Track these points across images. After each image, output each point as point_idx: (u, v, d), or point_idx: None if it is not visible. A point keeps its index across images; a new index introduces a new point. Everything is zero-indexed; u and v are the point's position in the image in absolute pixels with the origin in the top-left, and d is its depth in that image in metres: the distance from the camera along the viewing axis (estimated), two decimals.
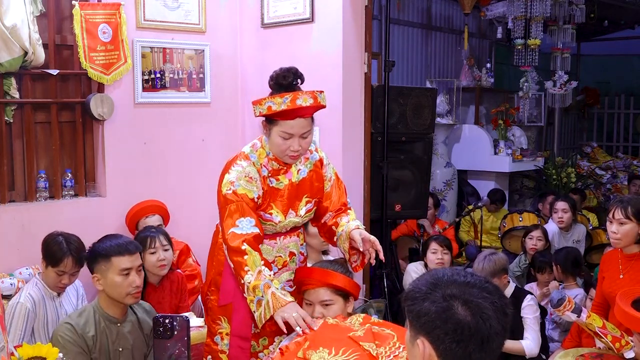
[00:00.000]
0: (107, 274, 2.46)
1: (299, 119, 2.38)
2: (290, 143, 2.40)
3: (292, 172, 2.54)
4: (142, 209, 3.82)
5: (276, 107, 2.34)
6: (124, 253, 2.47)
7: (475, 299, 1.35)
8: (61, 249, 2.99)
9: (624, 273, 2.97)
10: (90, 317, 2.48)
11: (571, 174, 7.17)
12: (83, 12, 3.57)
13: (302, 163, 2.58)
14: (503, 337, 1.37)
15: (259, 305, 2.25)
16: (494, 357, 1.38)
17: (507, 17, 6.49)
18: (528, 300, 3.47)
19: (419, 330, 1.38)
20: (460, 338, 1.33)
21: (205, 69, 4.21)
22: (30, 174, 3.60)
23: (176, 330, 2.33)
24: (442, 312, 1.34)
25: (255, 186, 2.44)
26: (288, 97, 2.33)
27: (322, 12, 3.88)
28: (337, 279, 2.41)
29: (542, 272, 4.15)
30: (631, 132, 10.26)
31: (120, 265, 2.45)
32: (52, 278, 3.02)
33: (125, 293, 2.46)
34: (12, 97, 3.46)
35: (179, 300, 3.50)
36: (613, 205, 2.98)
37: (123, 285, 2.45)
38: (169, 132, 4.09)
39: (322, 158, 2.66)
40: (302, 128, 2.39)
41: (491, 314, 1.34)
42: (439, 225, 5.56)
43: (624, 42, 9.53)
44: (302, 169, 2.58)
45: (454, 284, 1.38)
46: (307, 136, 2.43)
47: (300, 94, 2.35)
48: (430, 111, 4.46)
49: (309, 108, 2.37)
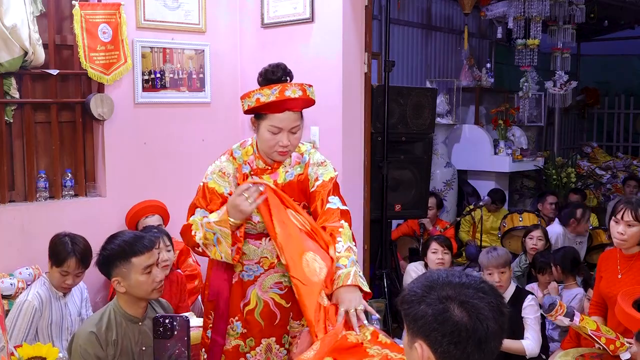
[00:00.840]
0: (130, 275, 2.39)
1: (287, 112, 2.35)
2: (279, 138, 2.37)
3: (278, 173, 2.49)
4: (142, 208, 3.82)
5: (265, 99, 2.33)
6: (143, 251, 2.42)
7: (471, 299, 1.35)
8: (65, 250, 3.00)
9: (623, 273, 2.96)
10: (111, 319, 2.42)
11: (571, 174, 7.17)
12: (83, 12, 3.57)
13: (292, 166, 2.51)
14: (501, 336, 1.37)
15: (219, 244, 2.34)
16: (492, 357, 1.38)
17: (507, 17, 6.50)
18: (529, 300, 3.47)
19: (417, 333, 1.38)
20: (457, 340, 1.33)
21: (205, 69, 4.21)
22: (30, 174, 3.60)
23: (176, 330, 2.33)
24: (438, 315, 1.34)
25: (227, 182, 2.46)
26: (277, 89, 2.32)
27: (322, 12, 3.88)
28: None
29: (543, 272, 4.15)
30: (631, 132, 10.26)
31: (141, 264, 2.40)
32: (56, 278, 3.03)
33: (150, 289, 2.43)
34: (12, 97, 3.46)
35: (179, 300, 3.50)
36: (621, 206, 2.92)
37: (148, 282, 2.41)
38: (169, 132, 4.09)
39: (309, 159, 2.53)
40: (291, 122, 2.37)
41: (487, 314, 1.34)
42: (440, 225, 5.57)
43: (624, 42, 9.51)
44: (291, 171, 2.51)
45: (449, 285, 1.38)
46: (296, 132, 2.40)
47: (289, 85, 2.34)
48: (430, 111, 4.46)
49: (297, 101, 2.36)
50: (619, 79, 10.21)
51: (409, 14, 7.11)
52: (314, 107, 2.52)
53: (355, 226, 4.02)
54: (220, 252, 2.36)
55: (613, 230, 2.96)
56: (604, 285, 3.04)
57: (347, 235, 2.36)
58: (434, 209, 5.46)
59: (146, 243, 2.46)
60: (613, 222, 2.96)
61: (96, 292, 3.69)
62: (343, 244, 2.32)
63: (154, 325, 2.34)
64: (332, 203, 2.44)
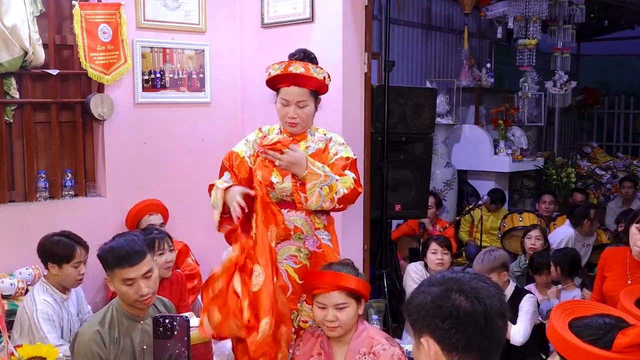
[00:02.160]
0: (114, 281, 2.39)
1: (294, 87, 2.69)
2: (287, 110, 2.72)
3: (300, 145, 2.74)
4: (144, 207, 3.83)
5: (273, 72, 2.72)
6: (124, 265, 2.34)
7: (468, 284, 1.39)
8: (67, 244, 3.01)
9: (633, 279, 2.87)
10: (113, 317, 2.42)
11: (571, 174, 7.17)
12: (83, 12, 3.57)
13: (314, 141, 2.81)
14: (504, 318, 1.38)
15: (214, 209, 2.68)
16: (499, 346, 1.37)
17: (507, 17, 6.50)
18: (527, 298, 3.47)
19: (420, 327, 1.39)
20: (457, 322, 1.34)
21: (205, 69, 4.21)
22: (30, 174, 3.60)
23: (176, 330, 2.33)
24: (437, 299, 1.37)
25: (248, 147, 2.83)
26: (283, 64, 2.70)
27: (322, 12, 3.88)
28: (349, 281, 2.42)
29: (540, 273, 4.14)
30: (631, 132, 10.26)
31: (122, 276, 2.35)
32: (68, 275, 3.01)
33: (133, 300, 2.38)
34: (12, 97, 3.46)
35: (179, 299, 3.50)
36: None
37: (129, 294, 2.37)
38: (169, 132, 4.09)
39: (332, 138, 2.84)
40: (297, 96, 2.70)
41: (485, 293, 1.37)
42: (440, 225, 5.57)
43: (624, 42, 9.52)
44: (312, 146, 2.79)
45: (450, 280, 1.42)
46: (304, 106, 2.72)
47: (294, 62, 2.70)
48: (430, 111, 4.46)
49: (302, 77, 2.68)
50: (619, 79, 10.21)
51: (409, 14, 7.12)
52: None
53: (355, 226, 4.03)
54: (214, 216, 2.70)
55: (634, 237, 2.79)
56: (610, 288, 2.98)
57: (344, 181, 2.63)
58: (433, 208, 5.46)
59: (133, 257, 2.35)
60: (636, 229, 2.77)
61: (96, 292, 3.69)
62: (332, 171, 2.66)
63: (154, 325, 2.34)
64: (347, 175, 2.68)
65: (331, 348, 2.53)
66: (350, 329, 2.48)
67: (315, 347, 2.55)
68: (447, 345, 1.35)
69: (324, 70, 2.76)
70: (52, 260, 3.01)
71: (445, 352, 1.35)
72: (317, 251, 2.72)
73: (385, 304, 3.95)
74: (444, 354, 1.35)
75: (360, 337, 2.49)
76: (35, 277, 3.34)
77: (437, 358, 1.36)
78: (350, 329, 2.48)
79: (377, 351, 2.45)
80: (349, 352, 2.48)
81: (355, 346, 2.48)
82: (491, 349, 1.36)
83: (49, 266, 3.03)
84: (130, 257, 2.36)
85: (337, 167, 2.69)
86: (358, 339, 2.49)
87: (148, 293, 2.38)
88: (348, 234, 3.91)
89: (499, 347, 1.38)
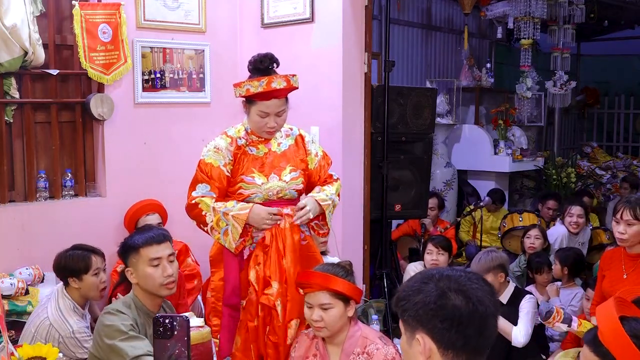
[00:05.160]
0: (138, 266, 2.44)
1: (274, 100, 2.72)
2: (267, 120, 2.75)
3: (271, 143, 2.86)
4: (142, 207, 3.82)
5: (254, 90, 2.69)
6: (152, 243, 2.46)
7: (466, 285, 1.40)
8: (81, 255, 2.97)
9: (628, 273, 2.96)
10: (132, 308, 2.45)
11: (571, 174, 7.17)
12: (83, 12, 3.57)
13: (283, 137, 2.90)
14: (496, 317, 1.42)
15: (226, 235, 2.70)
16: (490, 343, 1.41)
17: (507, 17, 6.50)
18: (527, 299, 3.47)
19: (416, 325, 1.40)
20: (458, 323, 1.35)
21: (205, 69, 4.21)
22: (30, 174, 3.60)
23: (176, 330, 2.32)
24: (437, 300, 1.38)
25: (222, 155, 2.79)
26: (264, 81, 2.67)
27: (322, 12, 3.88)
28: (337, 284, 2.43)
29: (540, 272, 4.13)
30: (631, 132, 10.25)
31: (149, 255, 2.44)
32: (91, 285, 2.95)
33: (158, 284, 2.44)
34: (12, 97, 3.46)
35: (178, 298, 3.49)
36: (620, 206, 2.95)
37: (154, 276, 2.43)
38: (169, 132, 4.09)
39: (304, 135, 2.95)
40: (277, 107, 2.74)
41: (482, 294, 1.39)
42: (441, 225, 5.56)
43: (624, 42, 9.51)
44: (283, 142, 2.88)
45: (445, 278, 1.42)
46: (282, 114, 2.78)
47: (275, 77, 2.68)
48: (430, 111, 4.46)
49: (283, 90, 2.71)
50: (619, 79, 10.20)
51: (409, 14, 7.11)
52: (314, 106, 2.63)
53: (356, 226, 4.03)
54: (225, 241, 2.72)
55: (615, 229, 2.99)
56: (608, 285, 3.03)
57: (335, 187, 2.93)
58: (435, 209, 5.46)
59: (158, 236, 2.51)
60: (614, 222, 2.98)
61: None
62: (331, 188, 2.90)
63: (154, 325, 2.33)
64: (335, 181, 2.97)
65: (326, 349, 2.54)
66: (337, 330, 2.49)
67: (311, 348, 2.57)
68: (444, 344, 1.36)
69: (296, 75, 2.79)
70: (71, 274, 2.94)
71: (441, 350, 1.37)
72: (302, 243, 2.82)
73: (385, 304, 3.95)
74: (439, 352, 1.37)
75: (353, 337, 2.51)
76: (35, 277, 3.34)
77: (432, 355, 1.38)
78: (338, 330, 2.50)
79: (371, 351, 2.46)
80: (342, 353, 2.50)
81: (349, 347, 2.49)
82: (484, 346, 1.40)
83: (70, 281, 2.95)
84: (157, 236, 2.52)
85: (324, 170, 2.94)
86: (351, 339, 2.50)
87: (171, 275, 2.48)
88: (348, 234, 3.91)
89: (490, 345, 1.42)
